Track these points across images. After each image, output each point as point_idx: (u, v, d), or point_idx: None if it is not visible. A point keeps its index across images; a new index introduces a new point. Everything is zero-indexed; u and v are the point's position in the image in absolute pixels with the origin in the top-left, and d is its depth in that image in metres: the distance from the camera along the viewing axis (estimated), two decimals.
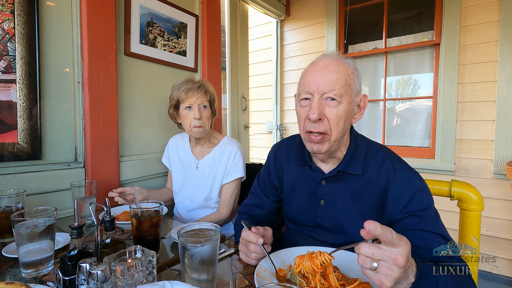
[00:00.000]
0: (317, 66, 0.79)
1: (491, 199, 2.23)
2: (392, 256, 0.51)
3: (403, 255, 0.51)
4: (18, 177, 1.12)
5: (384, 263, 0.52)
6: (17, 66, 1.10)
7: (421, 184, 0.79)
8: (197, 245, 0.65)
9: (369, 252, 0.52)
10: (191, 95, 1.30)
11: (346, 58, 0.83)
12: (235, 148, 1.36)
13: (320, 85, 0.77)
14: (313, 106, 0.77)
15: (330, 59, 0.80)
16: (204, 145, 1.42)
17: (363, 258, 0.53)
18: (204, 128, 1.32)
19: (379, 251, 0.52)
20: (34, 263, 0.75)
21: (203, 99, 1.32)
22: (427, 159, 2.54)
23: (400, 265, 0.51)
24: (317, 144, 0.80)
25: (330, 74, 0.77)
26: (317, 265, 0.61)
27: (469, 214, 1.14)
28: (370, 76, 2.91)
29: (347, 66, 0.80)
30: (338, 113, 0.77)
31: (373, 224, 0.50)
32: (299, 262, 0.64)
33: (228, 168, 1.35)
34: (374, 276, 0.53)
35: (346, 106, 0.78)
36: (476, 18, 2.26)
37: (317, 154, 0.84)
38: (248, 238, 0.76)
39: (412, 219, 0.74)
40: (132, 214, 0.84)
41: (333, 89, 0.76)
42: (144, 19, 1.57)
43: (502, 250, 2.22)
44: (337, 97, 0.76)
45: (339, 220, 0.87)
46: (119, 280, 0.62)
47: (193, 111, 1.30)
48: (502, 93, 2.17)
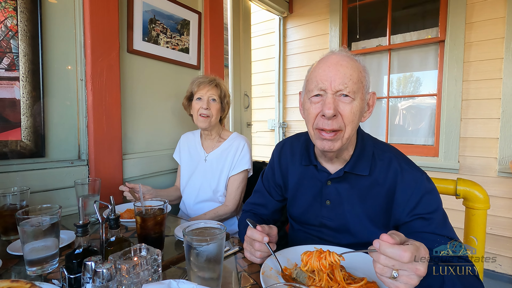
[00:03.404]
0: (329, 62, 0.77)
1: (495, 197, 2.21)
2: (413, 267, 0.50)
3: (424, 265, 0.51)
4: (21, 175, 1.12)
5: (404, 272, 0.51)
6: (20, 63, 1.10)
7: (430, 185, 0.78)
8: (202, 244, 0.64)
9: (389, 264, 0.51)
10: (202, 88, 1.39)
11: (356, 55, 0.81)
12: (242, 142, 1.42)
13: (334, 81, 0.75)
14: (327, 102, 0.75)
15: (342, 55, 0.78)
16: (213, 139, 1.48)
17: (382, 268, 0.52)
18: (210, 118, 1.38)
19: (399, 264, 0.50)
20: (39, 260, 0.75)
21: (213, 92, 1.39)
22: (430, 157, 2.52)
23: (421, 275, 0.50)
24: (329, 142, 0.78)
25: (344, 70, 0.75)
26: (325, 266, 0.61)
27: (475, 213, 1.13)
28: (374, 74, 2.89)
29: (358, 63, 0.79)
30: (353, 109, 0.76)
31: (391, 248, 0.50)
32: (307, 260, 0.64)
33: (235, 160, 1.40)
34: (391, 283, 0.52)
35: (359, 103, 0.77)
36: (482, 14, 2.24)
37: (328, 152, 0.82)
38: (253, 236, 0.76)
39: (420, 222, 0.73)
40: (137, 212, 0.83)
41: (347, 86, 0.74)
42: (146, 16, 1.56)
43: (506, 248, 2.21)
44: (351, 93, 0.75)
45: (345, 221, 0.86)
46: (125, 279, 0.61)
47: (202, 102, 1.38)
48: (508, 90, 2.14)
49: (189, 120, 1.87)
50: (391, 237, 0.51)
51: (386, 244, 0.51)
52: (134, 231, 1.04)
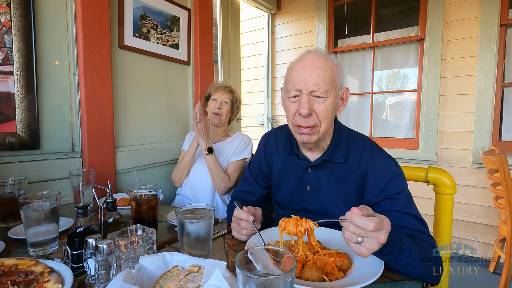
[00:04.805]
0: (304, 64, 0.84)
1: (469, 187, 2.37)
2: (376, 235, 0.60)
3: (385, 234, 0.60)
4: (18, 166, 1.16)
5: (367, 239, 0.60)
6: (15, 58, 1.13)
7: (397, 170, 0.87)
8: (193, 221, 0.72)
9: (356, 232, 0.60)
10: (218, 91, 1.62)
11: (330, 54, 0.88)
12: (246, 137, 1.64)
13: (308, 82, 0.82)
14: (303, 102, 0.83)
15: (316, 55, 0.85)
16: (220, 134, 1.68)
17: (350, 234, 0.61)
18: (221, 116, 1.60)
19: (365, 232, 0.60)
20: (41, 243, 0.80)
21: (226, 96, 1.62)
22: (411, 150, 2.66)
23: (381, 242, 0.60)
24: (307, 135, 0.87)
25: (318, 71, 0.82)
26: (301, 231, 0.70)
27: (443, 198, 1.24)
28: (358, 70, 3.00)
29: (331, 62, 0.85)
30: (326, 107, 0.84)
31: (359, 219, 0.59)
32: (285, 226, 0.72)
33: (237, 150, 1.58)
34: (356, 247, 0.62)
35: (332, 100, 0.84)
36: (458, 14, 2.37)
37: (307, 144, 0.91)
38: (240, 215, 0.84)
39: (388, 202, 0.83)
40: (132, 198, 0.90)
41: (320, 86, 0.82)
42: (137, 13, 1.60)
43: (479, 234, 2.37)
44: (323, 93, 0.82)
45: (323, 204, 0.94)
46: (123, 254, 0.68)
47: (216, 102, 1.60)
48: (481, 86, 2.29)
49: (179, 115, 1.93)
50: (360, 210, 0.61)
51: (355, 215, 0.60)
52: (129, 217, 1.10)
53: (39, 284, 0.61)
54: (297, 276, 0.66)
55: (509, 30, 2.28)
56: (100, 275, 0.65)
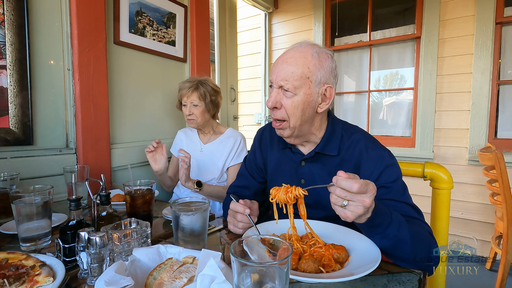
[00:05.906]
0: (281, 58, 0.86)
1: (466, 184, 2.38)
2: (361, 198, 0.60)
3: (370, 198, 0.60)
4: (11, 162, 1.14)
5: (352, 203, 0.61)
6: (7, 52, 1.12)
7: (391, 160, 0.87)
8: (188, 214, 0.71)
9: (342, 195, 0.61)
10: (184, 95, 1.52)
11: (317, 50, 0.84)
12: (239, 137, 1.58)
13: (278, 77, 0.84)
14: (271, 95, 0.86)
15: (295, 51, 0.84)
16: (207, 134, 1.63)
17: (336, 197, 0.62)
18: (196, 120, 1.52)
19: (350, 195, 0.60)
20: (33, 238, 0.79)
21: (193, 98, 1.50)
22: (408, 148, 2.67)
23: (366, 206, 0.60)
24: (279, 130, 0.90)
25: (287, 67, 0.82)
26: (290, 198, 0.72)
27: (440, 193, 1.24)
28: (355, 69, 3.01)
29: (310, 58, 0.82)
30: (294, 103, 0.84)
31: (345, 181, 0.60)
32: (275, 194, 0.74)
33: (232, 153, 1.54)
34: (341, 211, 0.62)
35: (302, 97, 0.83)
36: (454, 12, 2.38)
37: (284, 138, 0.93)
38: (236, 208, 0.83)
39: (382, 190, 0.82)
40: (126, 192, 0.89)
41: (288, 82, 0.82)
42: (133, 8, 1.59)
43: (476, 231, 2.38)
44: (291, 89, 0.82)
45: (318, 197, 0.94)
46: (117, 247, 0.67)
47: (186, 108, 1.53)
48: (477, 84, 2.30)
49: (175, 112, 1.91)
50: (346, 173, 0.61)
51: (341, 178, 0.61)
52: (123, 213, 1.09)
53: (29, 278, 0.60)
54: (293, 268, 0.65)
55: (504, 28, 2.29)
56: (93, 269, 0.63)
